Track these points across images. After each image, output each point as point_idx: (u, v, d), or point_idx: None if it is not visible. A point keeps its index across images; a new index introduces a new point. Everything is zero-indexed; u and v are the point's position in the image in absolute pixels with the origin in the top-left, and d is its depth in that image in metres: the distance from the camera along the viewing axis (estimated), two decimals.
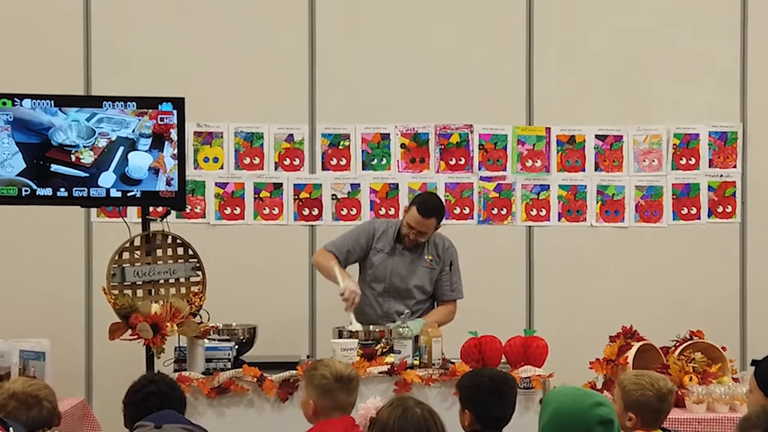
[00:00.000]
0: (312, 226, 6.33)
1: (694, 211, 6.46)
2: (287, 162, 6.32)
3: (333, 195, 6.34)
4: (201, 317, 4.90)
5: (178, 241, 5.02)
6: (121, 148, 4.89)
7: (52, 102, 4.84)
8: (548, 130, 6.42)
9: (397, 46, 6.34)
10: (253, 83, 6.26)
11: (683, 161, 6.46)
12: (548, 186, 6.42)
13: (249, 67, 6.27)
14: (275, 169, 6.31)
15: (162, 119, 4.91)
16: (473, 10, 6.38)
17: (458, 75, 6.35)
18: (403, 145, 6.36)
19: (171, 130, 4.92)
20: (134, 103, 4.89)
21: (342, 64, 6.32)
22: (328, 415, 3.86)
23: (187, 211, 6.00)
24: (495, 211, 6.39)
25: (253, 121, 6.29)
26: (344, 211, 6.33)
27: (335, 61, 6.31)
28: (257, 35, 6.28)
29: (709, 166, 6.48)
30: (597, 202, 6.43)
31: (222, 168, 6.28)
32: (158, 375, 4.10)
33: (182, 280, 5.02)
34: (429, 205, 5.40)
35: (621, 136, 6.44)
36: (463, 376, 4.12)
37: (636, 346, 4.81)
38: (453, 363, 4.83)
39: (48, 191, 4.87)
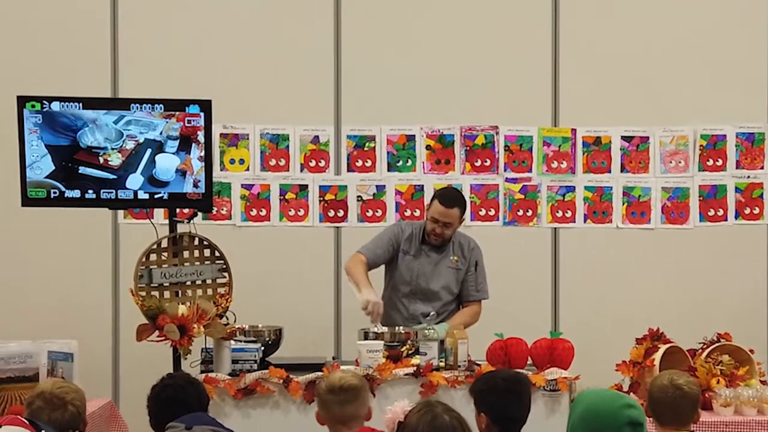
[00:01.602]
0: (337, 227, 6.34)
1: (720, 212, 6.42)
2: (312, 163, 6.33)
3: (358, 196, 6.35)
4: (227, 319, 4.92)
5: (205, 242, 5.04)
6: (149, 150, 4.91)
7: (81, 104, 4.86)
8: (574, 131, 6.40)
9: (422, 47, 6.34)
10: (279, 85, 6.29)
11: (710, 162, 6.43)
12: (574, 187, 6.40)
13: (274, 69, 6.29)
14: (301, 171, 6.33)
15: (189, 121, 4.92)
16: (498, 11, 6.37)
17: (483, 76, 6.35)
18: (428, 147, 6.37)
19: (198, 132, 4.93)
20: (162, 105, 4.91)
21: (367, 66, 6.33)
22: (334, 428, 3.89)
23: (214, 212, 6.02)
24: (520, 213, 6.38)
25: (278, 123, 6.31)
26: (369, 213, 6.34)
27: (360, 62, 6.32)
28: (283, 37, 6.29)
29: (736, 168, 6.44)
30: (623, 204, 6.41)
31: (248, 170, 6.31)
32: (180, 372, 4.13)
33: (209, 281, 5.04)
34: (450, 196, 5.46)
35: (647, 138, 6.42)
36: (476, 380, 4.11)
37: (663, 348, 4.79)
38: (479, 365, 4.82)
39: (76, 193, 4.89)
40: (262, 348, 4.92)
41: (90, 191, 4.90)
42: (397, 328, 5.21)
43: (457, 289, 5.51)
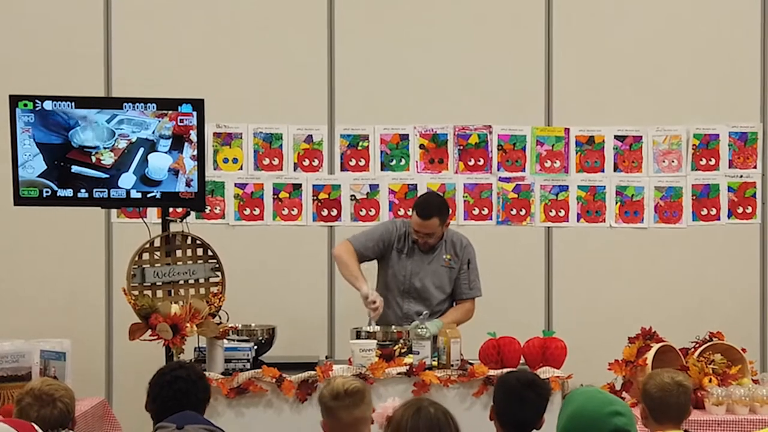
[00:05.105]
0: (331, 226, 6.34)
1: (713, 212, 6.43)
2: (306, 163, 6.33)
3: (352, 196, 6.35)
4: (220, 318, 4.92)
5: (198, 241, 5.04)
6: (141, 150, 4.92)
7: (73, 103, 4.88)
8: (567, 130, 6.41)
9: (415, 46, 6.35)
10: (273, 84, 6.29)
11: (703, 162, 6.44)
12: (567, 187, 6.41)
13: (268, 68, 6.29)
14: (294, 170, 6.33)
15: (182, 120, 4.93)
16: (492, 10, 6.38)
17: (477, 75, 6.35)
18: (421, 146, 6.37)
19: (191, 132, 4.94)
20: (154, 104, 4.92)
21: (361, 65, 6.33)
22: None
23: (207, 211, 6.02)
24: (514, 212, 6.39)
25: (272, 122, 6.31)
26: (363, 212, 6.34)
27: (354, 61, 6.32)
28: (276, 36, 6.29)
29: (729, 167, 6.45)
30: (616, 203, 6.42)
31: (241, 169, 6.30)
32: (188, 363, 4.14)
33: (202, 280, 5.04)
34: (426, 206, 5.39)
35: (640, 137, 6.42)
36: (505, 373, 4.18)
37: (655, 347, 4.79)
38: (472, 364, 4.82)
39: (69, 192, 4.90)
40: (255, 347, 4.92)
41: (82, 190, 4.90)
42: (389, 327, 5.21)
43: (450, 288, 5.51)
